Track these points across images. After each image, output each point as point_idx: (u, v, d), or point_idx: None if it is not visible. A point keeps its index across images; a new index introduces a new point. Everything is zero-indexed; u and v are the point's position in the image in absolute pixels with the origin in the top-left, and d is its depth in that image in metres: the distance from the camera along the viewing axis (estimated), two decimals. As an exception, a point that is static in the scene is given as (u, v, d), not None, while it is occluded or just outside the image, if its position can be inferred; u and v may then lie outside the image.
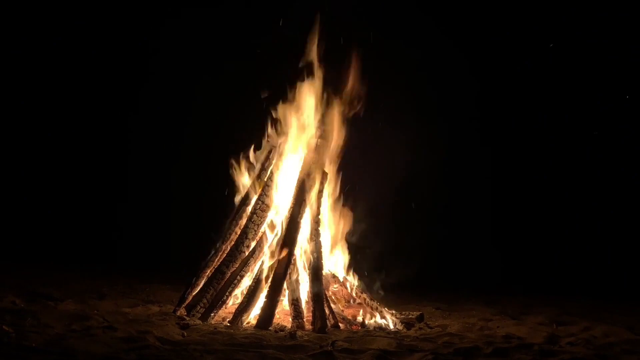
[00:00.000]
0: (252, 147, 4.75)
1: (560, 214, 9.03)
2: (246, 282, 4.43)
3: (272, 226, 4.55)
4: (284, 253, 4.28)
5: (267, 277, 4.28)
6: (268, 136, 4.74)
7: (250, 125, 4.81)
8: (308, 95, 4.71)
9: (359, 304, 4.62)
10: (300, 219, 4.42)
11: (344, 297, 4.68)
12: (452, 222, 8.68)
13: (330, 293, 4.58)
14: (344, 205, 4.89)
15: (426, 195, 8.13)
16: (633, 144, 8.84)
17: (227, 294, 4.33)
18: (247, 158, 4.75)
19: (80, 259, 7.84)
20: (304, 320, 4.15)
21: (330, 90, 4.73)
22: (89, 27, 9.30)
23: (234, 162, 4.73)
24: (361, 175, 5.10)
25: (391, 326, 4.42)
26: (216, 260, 4.48)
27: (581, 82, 8.69)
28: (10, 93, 9.29)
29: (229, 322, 4.18)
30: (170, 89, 9.01)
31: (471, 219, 8.87)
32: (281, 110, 4.75)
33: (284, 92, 4.78)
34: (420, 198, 7.84)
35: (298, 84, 4.72)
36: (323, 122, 4.68)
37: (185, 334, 3.61)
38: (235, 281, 4.36)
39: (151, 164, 9.08)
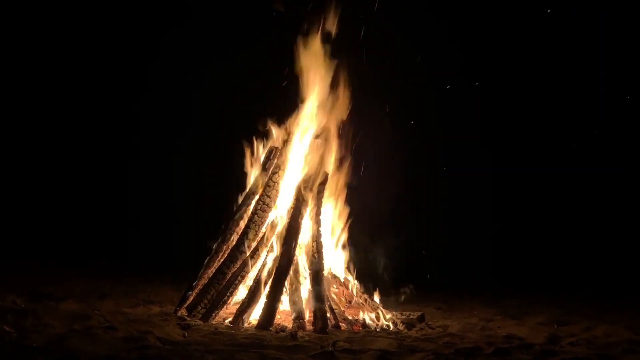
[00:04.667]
0: (255, 146, 4.75)
1: (561, 213, 9.02)
2: (247, 282, 4.42)
3: (273, 226, 4.55)
4: (285, 253, 4.28)
5: (267, 278, 4.27)
6: (270, 135, 4.74)
7: (253, 124, 4.80)
8: (310, 94, 4.71)
9: (360, 304, 4.62)
10: (301, 219, 4.42)
11: (345, 298, 4.68)
12: (453, 222, 8.68)
13: (331, 293, 4.58)
14: (345, 205, 4.89)
15: (427, 194, 8.13)
16: (634, 143, 8.84)
17: (228, 294, 4.33)
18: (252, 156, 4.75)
19: (82, 258, 7.85)
20: (305, 320, 4.15)
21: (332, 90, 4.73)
22: (89, 27, 9.30)
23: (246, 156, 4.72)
24: (362, 174, 5.09)
25: (392, 326, 4.41)
26: (217, 260, 4.47)
27: (582, 81, 8.68)
28: (10, 93, 9.29)
29: (230, 322, 4.18)
30: (173, 89, 9.01)
31: (472, 218, 8.87)
32: (284, 111, 4.75)
33: (286, 92, 4.78)
34: (421, 197, 7.85)
35: (300, 83, 4.72)
36: (325, 122, 4.67)
37: (186, 334, 3.61)
38: (236, 281, 4.36)
39: (154, 164, 9.09)
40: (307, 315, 4.21)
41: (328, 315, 4.19)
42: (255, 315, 4.23)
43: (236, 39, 8.74)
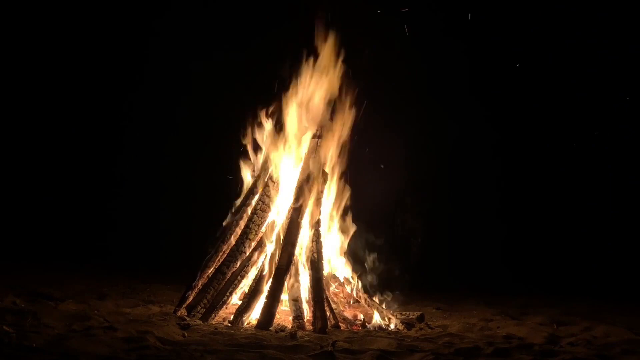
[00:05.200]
0: (253, 145, 4.75)
1: (561, 213, 9.03)
2: (247, 282, 4.43)
3: (272, 226, 4.55)
4: (285, 253, 4.28)
5: (267, 278, 4.27)
6: (270, 135, 4.74)
7: (248, 124, 4.80)
8: (309, 96, 4.71)
9: (360, 304, 4.62)
10: (301, 219, 4.42)
11: (345, 298, 4.68)
12: (453, 222, 8.68)
13: (331, 293, 4.58)
14: (346, 205, 4.89)
15: (427, 194, 8.13)
16: (634, 144, 8.84)
17: (227, 294, 4.33)
18: (249, 156, 4.75)
19: (81, 259, 7.85)
20: (305, 320, 4.15)
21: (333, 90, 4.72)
22: (89, 27, 9.29)
23: (241, 162, 4.74)
24: (364, 174, 5.09)
25: (392, 326, 4.42)
26: (217, 260, 4.48)
27: (582, 82, 8.69)
28: (10, 93, 9.29)
29: (229, 322, 4.18)
30: (166, 89, 9.01)
31: (472, 218, 8.87)
32: (282, 109, 4.74)
33: (285, 91, 4.78)
34: (422, 198, 7.85)
35: (299, 84, 4.72)
36: (324, 121, 4.67)
37: (186, 334, 3.61)
38: (236, 281, 4.36)
39: (153, 164, 9.09)
40: (307, 315, 4.21)
41: (328, 315, 4.19)
42: (255, 315, 4.23)
43: (230, 36, 8.73)
